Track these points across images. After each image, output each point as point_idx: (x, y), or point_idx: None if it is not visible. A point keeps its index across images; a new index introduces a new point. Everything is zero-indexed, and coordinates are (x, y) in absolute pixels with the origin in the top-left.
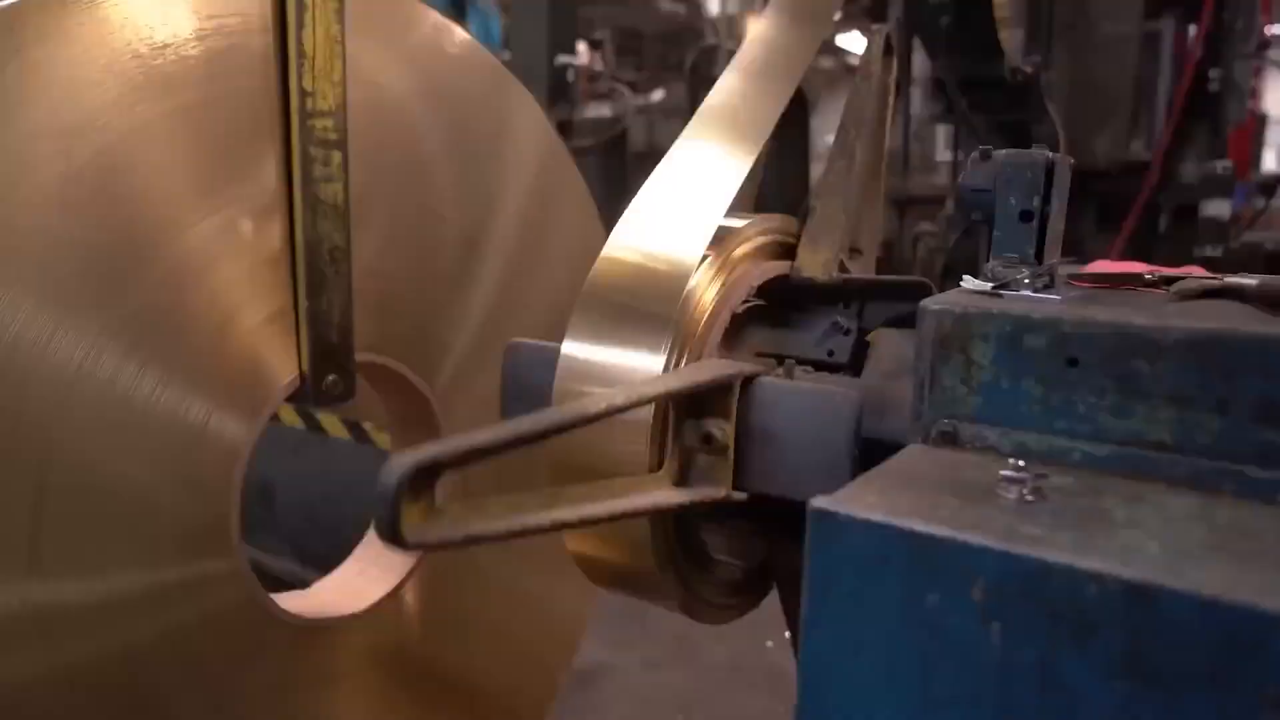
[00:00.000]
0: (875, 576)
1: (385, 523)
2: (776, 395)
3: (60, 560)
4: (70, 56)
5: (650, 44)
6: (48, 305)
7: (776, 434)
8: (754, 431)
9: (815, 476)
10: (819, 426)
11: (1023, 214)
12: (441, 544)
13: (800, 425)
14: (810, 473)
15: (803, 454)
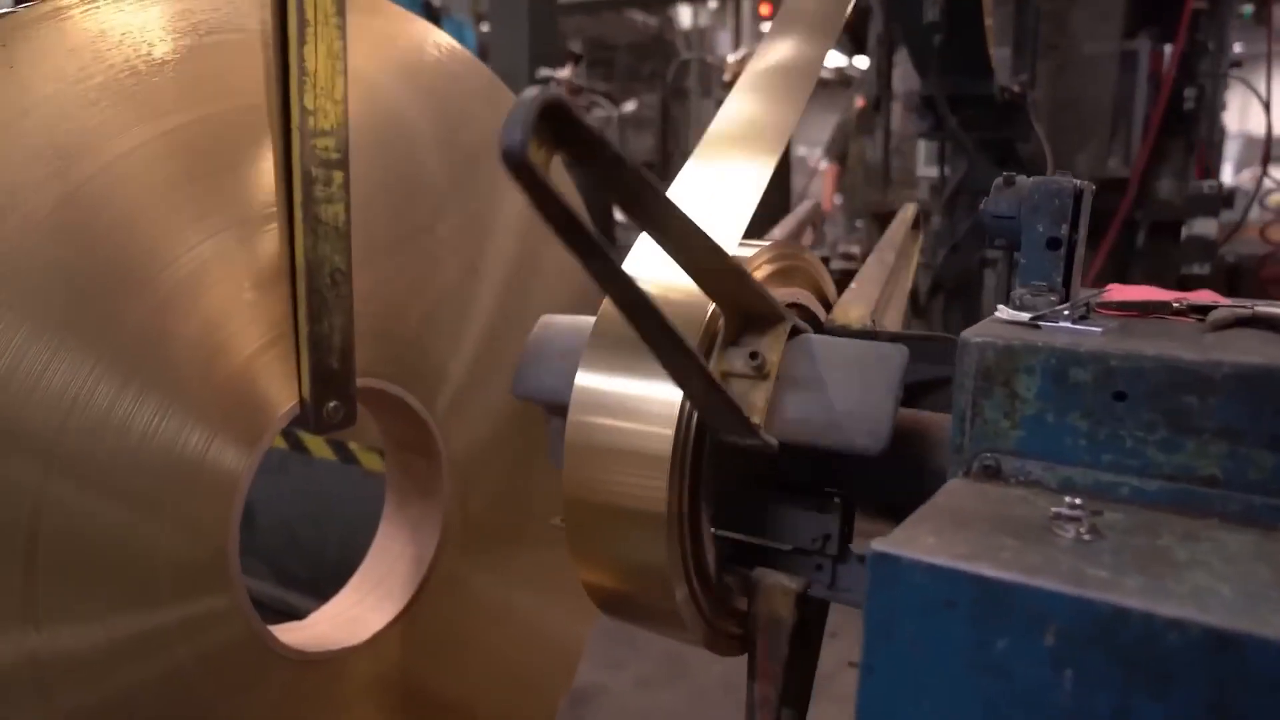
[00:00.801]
0: (940, 621)
1: (516, 141)
2: (822, 344)
3: (56, 608)
4: (66, 73)
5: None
6: (44, 332)
7: (817, 381)
8: (794, 380)
9: (856, 425)
10: (865, 380)
11: (1050, 241)
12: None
13: (845, 372)
14: (851, 420)
15: (844, 400)
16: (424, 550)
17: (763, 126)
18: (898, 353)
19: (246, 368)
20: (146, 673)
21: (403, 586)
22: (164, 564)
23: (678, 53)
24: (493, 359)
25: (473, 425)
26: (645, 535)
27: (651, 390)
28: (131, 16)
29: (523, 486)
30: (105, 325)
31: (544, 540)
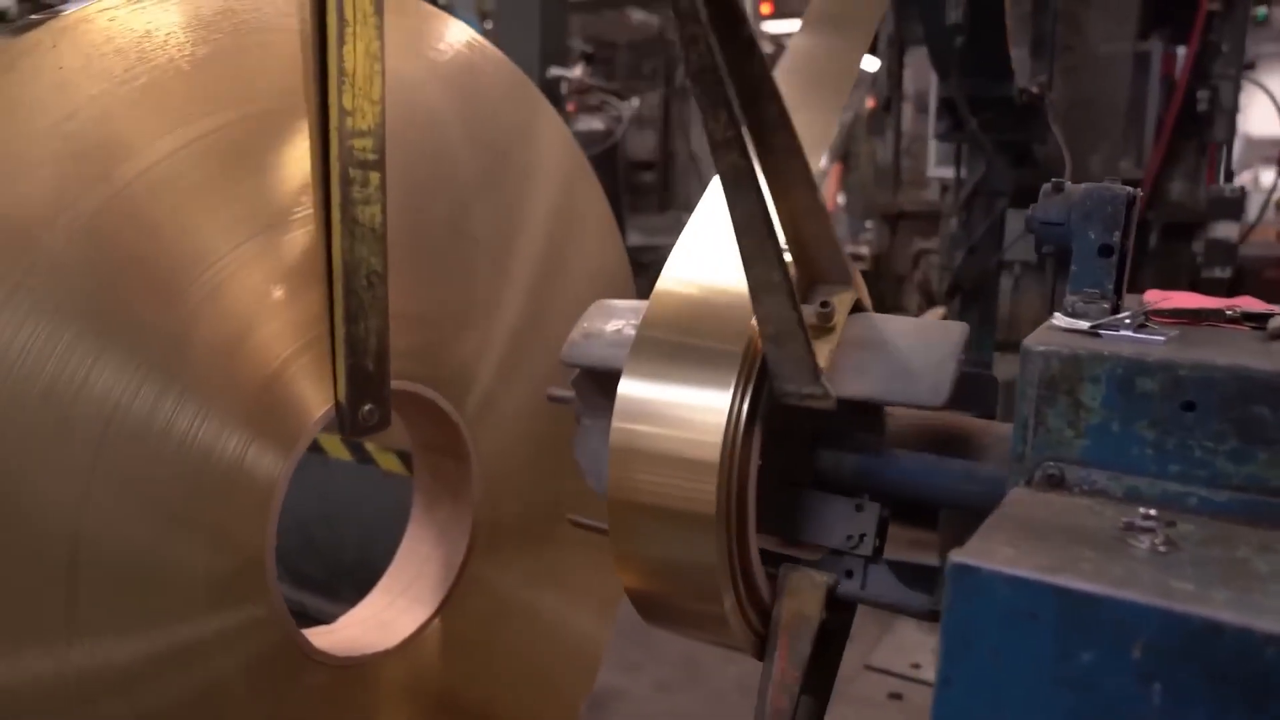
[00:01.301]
0: (1022, 633)
1: None
2: (884, 317)
3: (98, 622)
4: (113, 73)
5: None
6: (87, 337)
7: (880, 343)
8: (857, 341)
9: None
10: (928, 342)
11: (1102, 248)
12: None
13: (908, 337)
14: (913, 376)
15: (907, 359)
16: (453, 553)
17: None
18: (960, 325)
19: (282, 372)
20: (187, 682)
21: (433, 590)
22: (203, 574)
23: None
24: (519, 359)
25: (500, 426)
26: (694, 539)
27: (699, 395)
28: (175, 15)
29: (548, 486)
30: (147, 330)
31: (569, 541)
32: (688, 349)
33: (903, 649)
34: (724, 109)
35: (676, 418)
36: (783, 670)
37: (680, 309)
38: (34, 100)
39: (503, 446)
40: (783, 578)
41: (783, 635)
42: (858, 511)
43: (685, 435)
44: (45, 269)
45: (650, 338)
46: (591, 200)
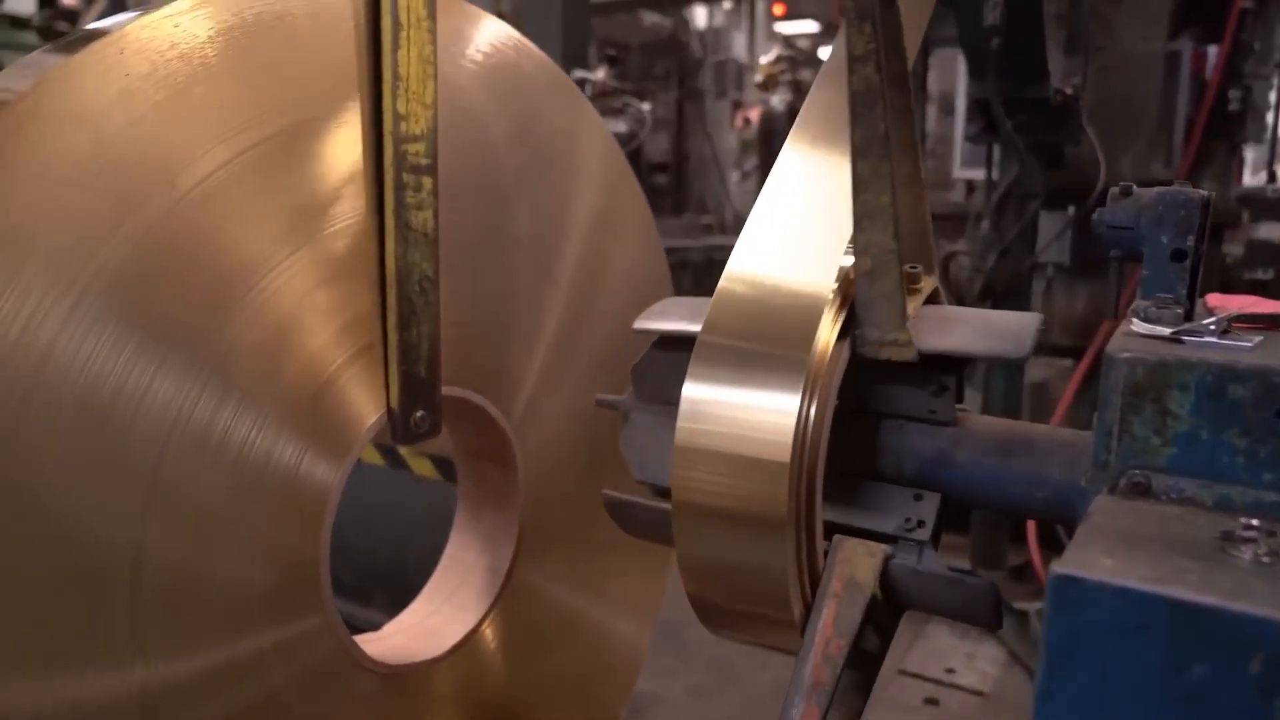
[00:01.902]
0: (1130, 646)
1: None
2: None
3: (162, 641)
4: (176, 79)
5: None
6: (150, 345)
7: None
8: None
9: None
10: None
11: (1175, 253)
12: None
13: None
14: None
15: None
16: (499, 560)
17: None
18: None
19: (335, 380)
20: (246, 695)
21: (478, 597)
22: (261, 588)
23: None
24: (563, 363)
25: (545, 431)
26: (764, 543)
27: (768, 397)
28: (234, 21)
29: (591, 492)
30: (205, 338)
31: (610, 547)
32: (753, 352)
33: (936, 654)
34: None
35: (745, 420)
36: (827, 638)
37: (743, 312)
38: (101, 107)
39: (547, 452)
40: (835, 546)
41: (831, 602)
42: (916, 500)
43: (755, 437)
44: (109, 276)
45: (713, 342)
46: (631, 202)
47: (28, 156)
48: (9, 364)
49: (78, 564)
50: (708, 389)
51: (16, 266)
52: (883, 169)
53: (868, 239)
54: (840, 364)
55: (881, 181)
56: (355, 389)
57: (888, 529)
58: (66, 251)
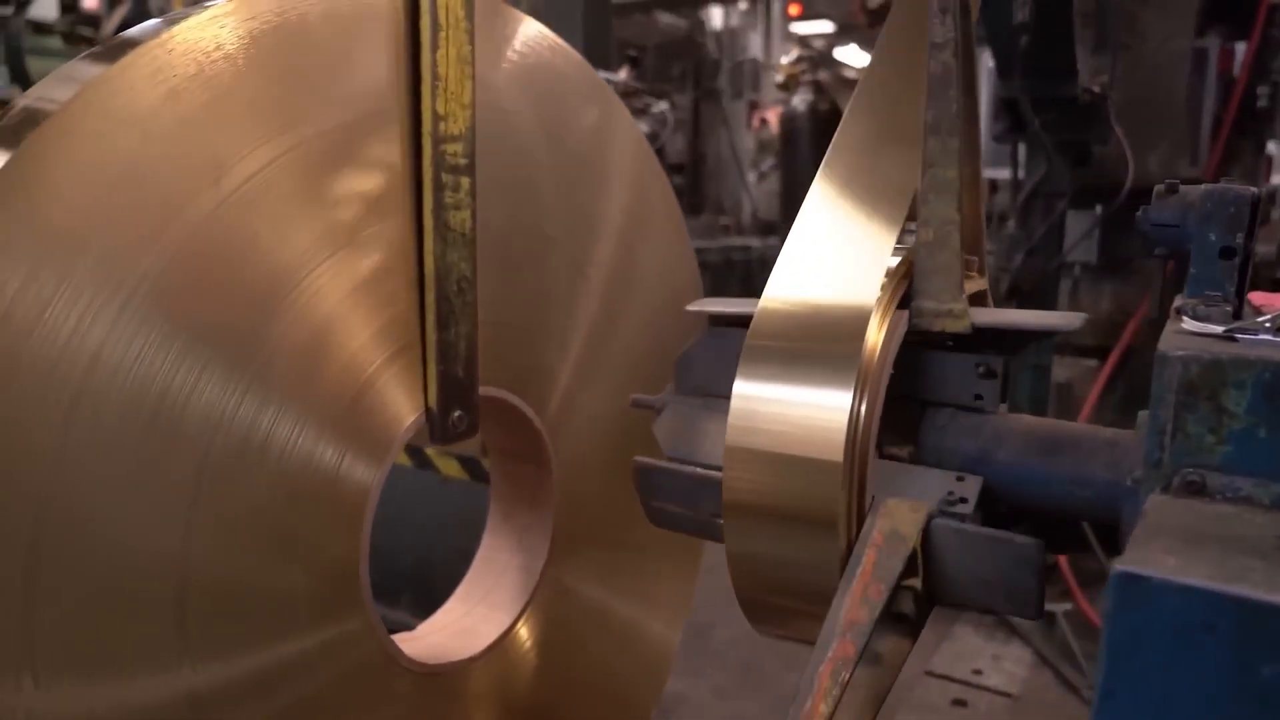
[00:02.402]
0: (1196, 646)
1: None
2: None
3: (208, 646)
4: (222, 80)
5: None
6: (196, 345)
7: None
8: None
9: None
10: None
11: (1224, 250)
12: None
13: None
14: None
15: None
16: (533, 560)
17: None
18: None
19: (374, 381)
20: (290, 695)
21: (513, 597)
22: (303, 590)
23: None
24: (597, 363)
25: (579, 430)
26: (815, 540)
27: (820, 395)
28: (279, 20)
29: (623, 492)
30: (249, 339)
31: (642, 547)
32: (803, 350)
33: (963, 655)
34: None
35: (797, 418)
36: (866, 583)
37: (791, 317)
38: (150, 107)
39: (581, 451)
40: (877, 504)
41: (871, 550)
42: (959, 480)
43: (808, 436)
44: (156, 276)
45: (762, 345)
46: (663, 202)
47: (79, 158)
48: (59, 367)
49: (125, 567)
50: (758, 387)
51: (69, 267)
52: (951, 145)
53: (932, 211)
54: (890, 353)
55: (949, 157)
56: (394, 389)
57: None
58: (117, 252)
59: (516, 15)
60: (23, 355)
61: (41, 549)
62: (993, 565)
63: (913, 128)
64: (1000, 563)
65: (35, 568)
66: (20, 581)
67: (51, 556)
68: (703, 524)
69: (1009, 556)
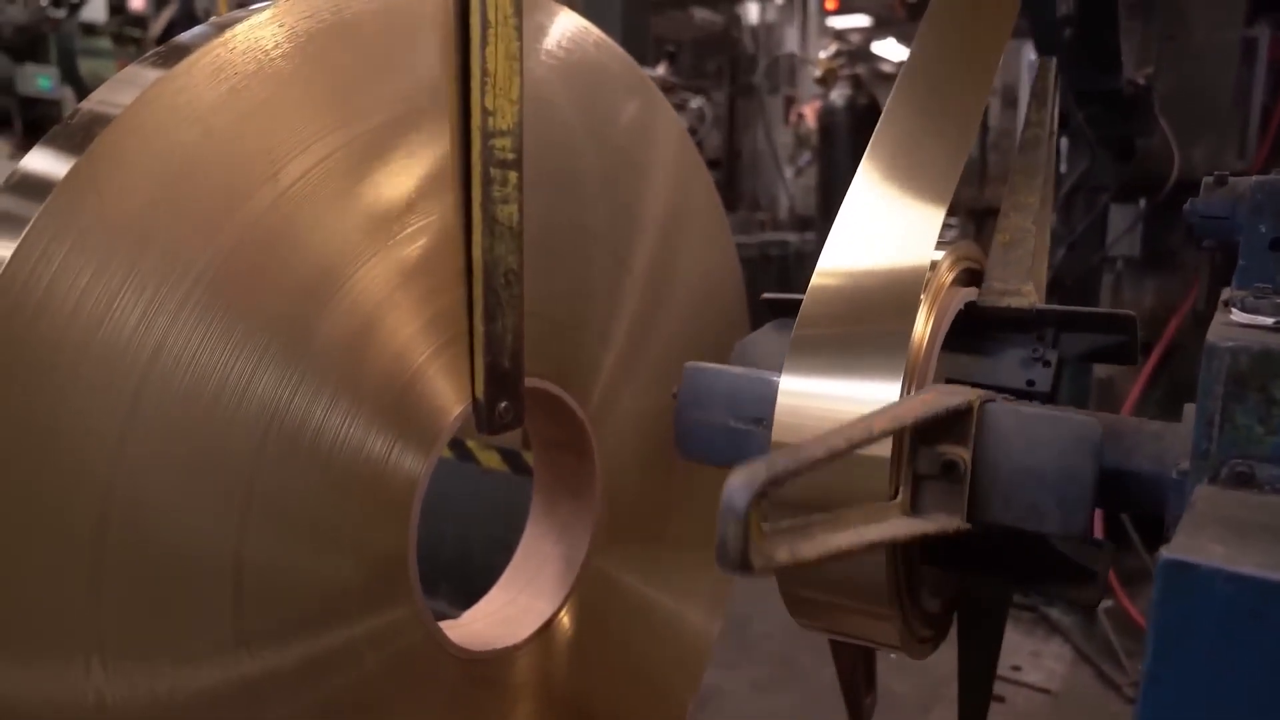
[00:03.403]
0: (1243, 633)
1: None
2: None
3: (262, 632)
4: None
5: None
6: (254, 335)
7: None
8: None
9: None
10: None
11: (1274, 242)
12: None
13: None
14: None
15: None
16: (574, 550)
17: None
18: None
19: (423, 372)
20: (341, 682)
21: (555, 586)
22: (354, 578)
23: (744, 50)
24: (639, 355)
25: (621, 422)
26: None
27: (869, 388)
28: (335, 18)
29: (664, 484)
30: (304, 330)
31: (681, 539)
32: (852, 342)
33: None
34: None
35: (846, 414)
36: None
37: (838, 304)
38: (212, 104)
39: (622, 442)
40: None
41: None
42: None
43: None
44: (217, 268)
45: (811, 335)
46: (705, 198)
47: (144, 154)
48: (125, 357)
49: (185, 554)
50: (806, 382)
51: (135, 261)
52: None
53: (1010, 223)
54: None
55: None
56: (442, 381)
57: None
58: (180, 244)
59: (563, 11)
60: (91, 346)
61: (108, 533)
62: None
63: (956, 114)
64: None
65: (101, 553)
66: (88, 567)
67: (116, 542)
68: None
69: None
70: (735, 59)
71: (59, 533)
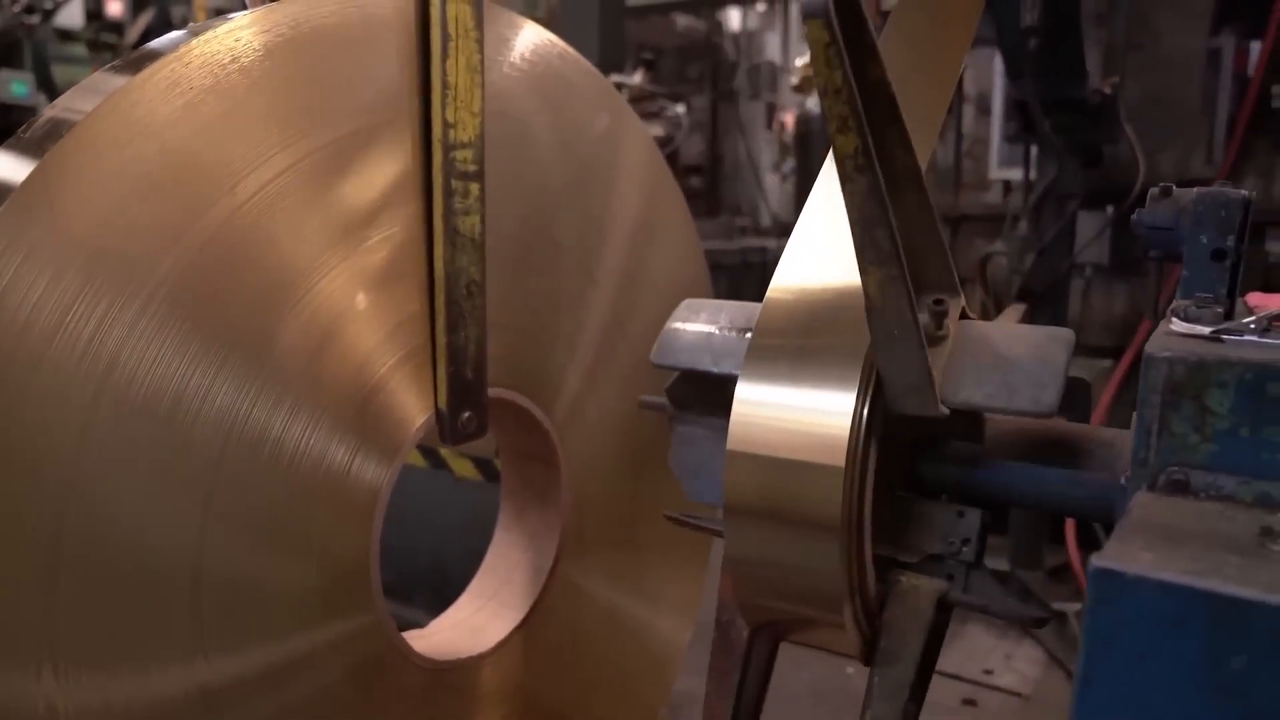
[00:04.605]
0: (1169, 638)
1: None
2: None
3: (221, 639)
4: (235, 91)
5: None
6: (211, 347)
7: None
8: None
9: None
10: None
11: (1216, 252)
12: None
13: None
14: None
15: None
16: (542, 558)
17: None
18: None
19: (385, 382)
20: (302, 690)
21: (522, 595)
22: (315, 586)
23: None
24: (606, 365)
25: (588, 432)
26: (816, 545)
27: (823, 398)
28: (293, 33)
29: (632, 492)
30: (263, 341)
31: (650, 546)
32: (808, 351)
33: (974, 655)
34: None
35: (800, 423)
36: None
37: (794, 315)
38: (167, 119)
39: (590, 451)
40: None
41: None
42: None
43: (809, 441)
44: (174, 282)
45: (767, 344)
46: (672, 207)
47: (99, 168)
48: (80, 369)
49: (142, 563)
50: (761, 390)
51: (89, 274)
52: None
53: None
54: None
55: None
56: (404, 391)
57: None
58: (135, 258)
59: (527, 24)
60: (45, 359)
61: (62, 543)
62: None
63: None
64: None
65: (56, 561)
66: (43, 574)
67: (72, 551)
68: None
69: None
70: (717, 65)
71: (13, 542)
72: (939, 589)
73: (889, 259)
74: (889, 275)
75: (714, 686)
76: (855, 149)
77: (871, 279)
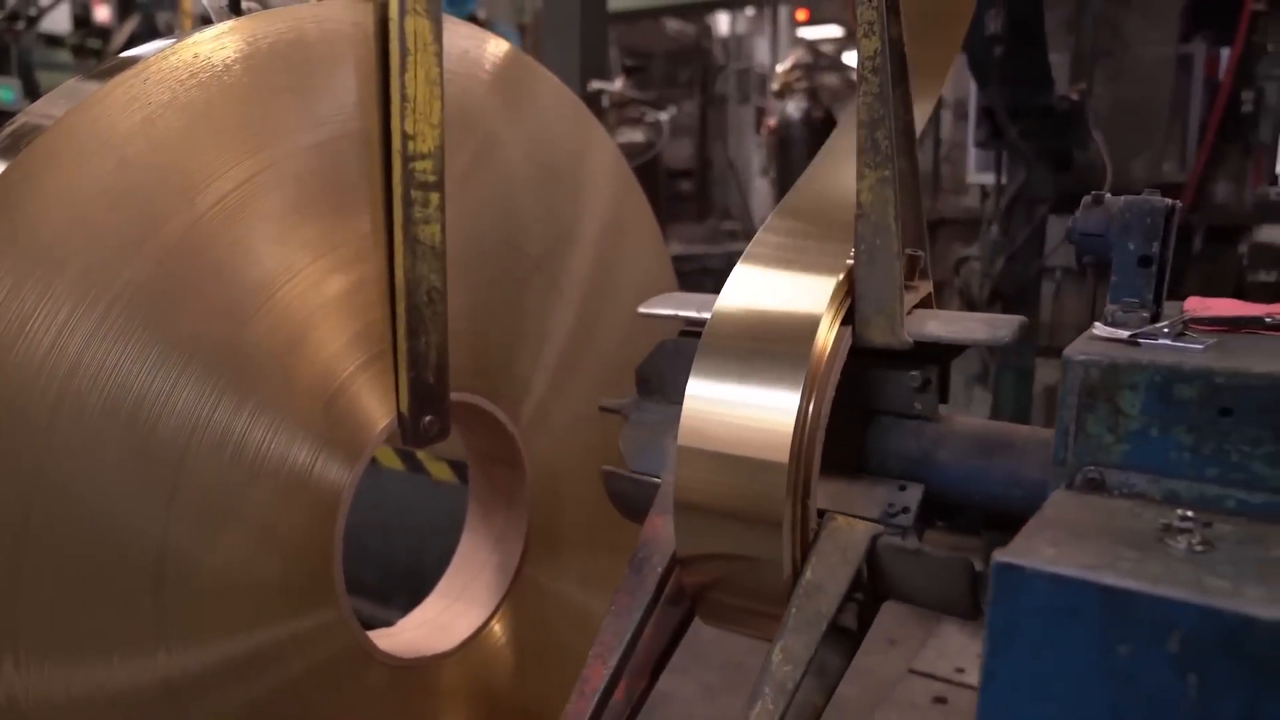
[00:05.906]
0: (1064, 629)
1: None
2: None
3: (183, 632)
4: (195, 106)
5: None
6: (172, 353)
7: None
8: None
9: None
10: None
11: (1142, 259)
12: None
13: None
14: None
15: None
16: (508, 559)
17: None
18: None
19: (348, 386)
20: (265, 685)
21: (488, 594)
22: (277, 583)
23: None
24: (571, 371)
25: (553, 435)
26: (761, 539)
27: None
28: (248, 49)
29: (598, 493)
30: (225, 347)
31: (618, 547)
32: (756, 352)
33: (946, 654)
34: None
35: (747, 420)
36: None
37: (744, 320)
38: (126, 133)
39: (555, 455)
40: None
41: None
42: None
43: (757, 438)
44: (134, 290)
45: (717, 344)
46: (639, 216)
47: (59, 181)
48: (41, 371)
49: (105, 557)
50: (710, 388)
51: (49, 283)
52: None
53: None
54: (839, 359)
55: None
56: (367, 395)
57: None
58: (95, 268)
59: (492, 38)
60: (4, 366)
61: (25, 541)
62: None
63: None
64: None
65: (19, 557)
66: (5, 568)
67: (35, 547)
68: None
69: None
70: (706, 70)
71: None
72: (873, 530)
73: (884, 161)
74: (881, 177)
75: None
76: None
77: (866, 183)
